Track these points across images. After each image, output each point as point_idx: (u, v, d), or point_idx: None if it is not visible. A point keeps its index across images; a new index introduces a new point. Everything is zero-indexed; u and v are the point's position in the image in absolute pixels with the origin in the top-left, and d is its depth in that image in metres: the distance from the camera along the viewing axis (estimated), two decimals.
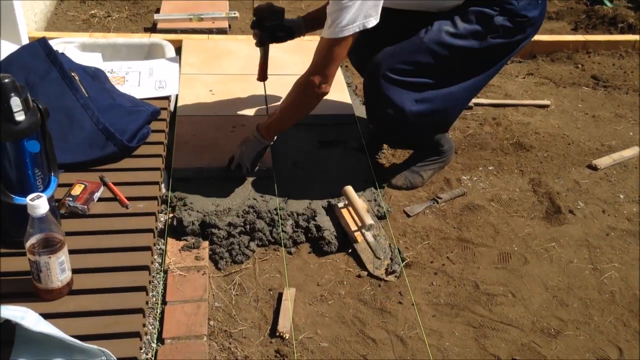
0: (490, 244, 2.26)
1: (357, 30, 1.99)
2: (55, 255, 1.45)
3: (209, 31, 3.59)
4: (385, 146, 2.72)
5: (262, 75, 2.61)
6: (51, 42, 2.82)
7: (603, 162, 2.74)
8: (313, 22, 2.52)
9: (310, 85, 2.09)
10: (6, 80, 1.44)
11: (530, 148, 2.81)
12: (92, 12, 3.80)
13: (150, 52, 3.03)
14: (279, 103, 2.85)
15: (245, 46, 3.32)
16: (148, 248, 1.73)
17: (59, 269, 1.47)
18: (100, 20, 3.73)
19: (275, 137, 2.30)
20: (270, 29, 2.45)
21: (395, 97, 2.19)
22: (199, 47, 3.30)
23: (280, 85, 2.80)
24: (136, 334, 1.48)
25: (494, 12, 2.14)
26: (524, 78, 3.49)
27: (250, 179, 2.40)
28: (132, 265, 1.66)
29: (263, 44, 2.50)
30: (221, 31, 3.62)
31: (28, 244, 1.43)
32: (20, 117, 1.48)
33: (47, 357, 1.37)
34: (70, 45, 2.91)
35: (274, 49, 2.57)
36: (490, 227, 2.34)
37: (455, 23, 2.16)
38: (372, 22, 2.00)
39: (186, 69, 3.06)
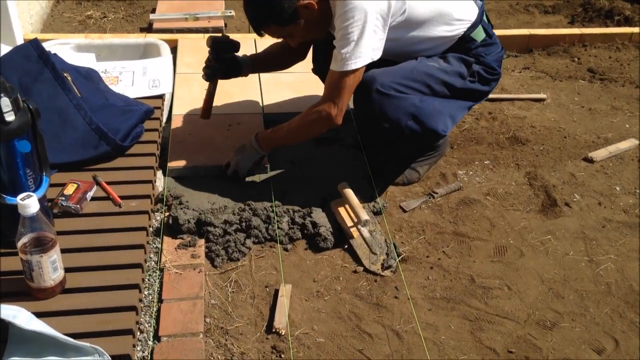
0: (486, 237, 2.26)
1: (368, 62, 2.08)
2: (47, 254, 1.45)
3: (205, 30, 3.60)
4: None
5: (206, 113, 2.50)
6: (47, 44, 2.84)
7: (599, 154, 2.73)
8: (260, 62, 2.58)
9: (326, 117, 2.15)
10: None
11: (526, 142, 2.81)
12: (88, 13, 3.80)
13: (146, 52, 3.04)
14: (274, 102, 2.86)
15: (241, 45, 3.32)
16: (141, 246, 1.73)
17: (51, 267, 1.48)
18: (96, 21, 3.74)
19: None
20: (225, 61, 2.42)
21: (390, 111, 2.20)
22: (194, 47, 3.30)
23: (275, 84, 2.81)
24: (129, 332, 1.48)
25: (471, 59, 2.29)
26: (520, 72, 3.48)
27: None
28: (125, 263, 1.67)
29: (213, 78, 2.45)
30: (217, 30, 3.62)
31: (20, 244, 1.44)
32: (10, 117, 1.49)
33: (40, 355, 1.38)
34: (66, 47, 2.91)
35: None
36: (486, 221, 2.34)
37: (438, 62, 2.27)
38: (378, 54, 2.10)
39: (182, 68, 3.06)
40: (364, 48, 2.05)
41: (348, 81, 2.10)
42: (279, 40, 2.42)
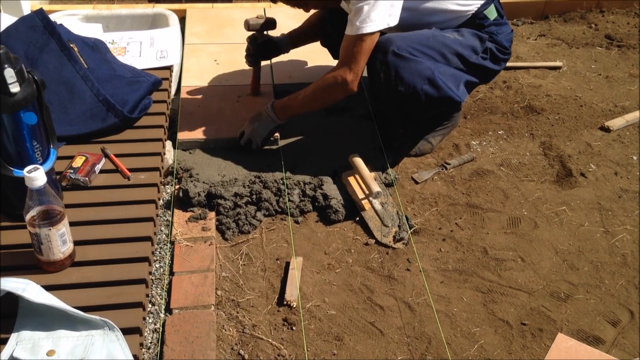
0: (499, 209, 2.23)
1: (383, 27, 2.06)
2: (56, 227, 1.44)
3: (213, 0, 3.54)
4: None
5: (255, 91, 2.64)
6: (55, 15, 2.81)
7: (616, 123, 2.68)
8: (299, 37, 2.61)
9: (342, 82, 2.15)
10: None
11: (542, 111, 2.76)
12: None
13: (155, 22, 3.00)
14: (284, 72, 2.82)
15: (249, 14, 3.27)
16: (150, 219, 1.72)
17: (59, 240, 1.47)
18: None
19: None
20: (262, 46, 2.49)
21: (406, 74, 2.16)
22: (203, 17, 3.26)
23: (285, 54, 2.77)
24: (139, 305, 1.48)
25: (485, 36, 2.27)
26: (535, 39, 3.41)
27: (256, 149, 2.39)
28: (134, 236, 1.65)
29: (255, 64, 2.54)
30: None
31: (28, 217, 1.43)
32: (15, 88, 1.46)
33: (50, 328, 1.38)
34: (74, 18, 2.88)
35: (280, 15, 2.55)
36: (499, 192, 2.30)
37: (453, 34, 2.25)
38: (394, 20, 2.08)
39: (191, 38, 3.03)
40: (380, 12, 2.03)
41: (363, 45, 2.08)
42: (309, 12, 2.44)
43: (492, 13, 2.27)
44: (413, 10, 2.16)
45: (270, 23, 2.46)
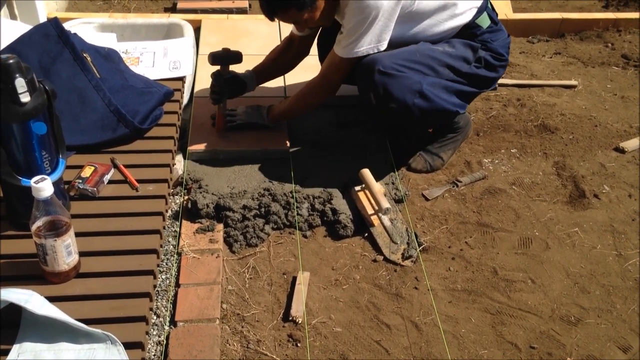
0: (510, 228, 2.20)
1: (372, 52, 2.12)
2: (61, 238, 1.43)
3: (229, 11, 3.56)
4: None
5: (222, 127, 2.47)
6: (71, 23, 2.83)
7: (631, 144, 2.64)
8: (264, 73, 2.55)
9: (321, 93, 2.31)
10: (10, 61, 1.42)
11: (555, 130, 2.73)
12: None
13: (169, 32, 3.01)
14: (296, 82, 2.81)
15: (264, 26, 3.28)
16: (157, 231, 1.71)
17: (65, 252, 1.46)
18: (121, 1, 3.71)
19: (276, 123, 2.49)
20: (228, 83, 2.39)
21: (395, 90, 2.15)
22: (218, 27, 3.27)
23: (298, 67, 2.76)
24: (142, 319, 1.46)
25: (477, 45, 2.27)
26: (551, 57, 3.38)
27: (266, 162, 2.38)
28: (140, 248, 1.64)
29: (220, 102, 2.41)
30: (241, 11, 3.58)
31: (34, 227, 1.42)
32: (25, 98, 1.46)
33: (52, 340, 1.37)
34: (89, 26, 2.90)
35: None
36: (511, 212, 2.28)
37: (443, 46, 2.24)
38: (384, 45, 2.12)
39: (205, 49, 3.03)
40: (371, 39, 2.08)
41: (348, 66, 2.18)
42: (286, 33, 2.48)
43: (484, 21, 2.26)
44: (405, 33, 2.19)
45: (235, 57, 2.35)
